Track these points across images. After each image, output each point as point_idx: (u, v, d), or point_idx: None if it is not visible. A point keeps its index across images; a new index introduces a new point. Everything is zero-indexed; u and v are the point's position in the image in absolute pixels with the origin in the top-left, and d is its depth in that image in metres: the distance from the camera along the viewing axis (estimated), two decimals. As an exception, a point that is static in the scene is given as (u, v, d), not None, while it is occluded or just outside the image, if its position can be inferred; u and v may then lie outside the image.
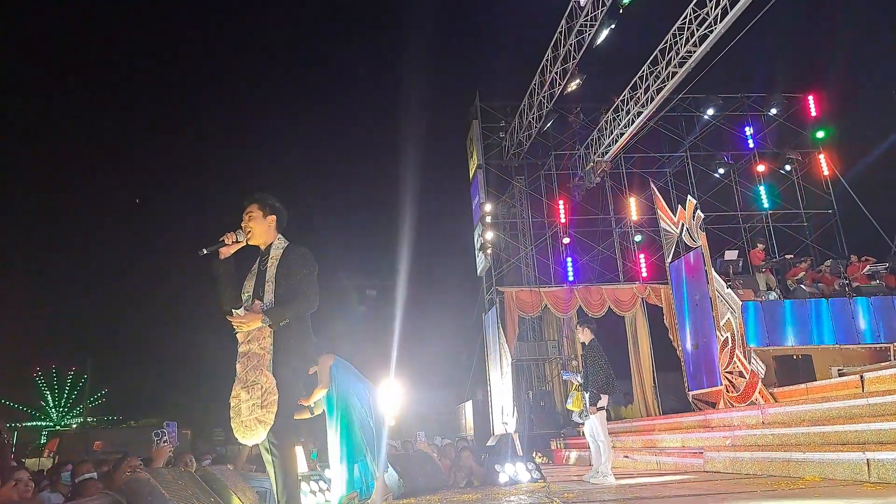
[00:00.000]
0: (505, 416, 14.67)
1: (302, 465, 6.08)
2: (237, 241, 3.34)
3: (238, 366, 3.23)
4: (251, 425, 3.07)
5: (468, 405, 19.06)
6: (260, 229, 3.40)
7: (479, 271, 16.91)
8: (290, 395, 3.15)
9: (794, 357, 9.72)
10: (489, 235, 15.89)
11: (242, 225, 3.41)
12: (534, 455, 12.58)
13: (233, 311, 3.21)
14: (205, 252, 3.25)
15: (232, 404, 3.18)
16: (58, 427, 33.61)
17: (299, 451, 5.81)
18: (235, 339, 3.30)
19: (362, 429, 4.89)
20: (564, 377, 8.98)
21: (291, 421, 3.18)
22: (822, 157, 16.10)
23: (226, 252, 3.33)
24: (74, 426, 33.64)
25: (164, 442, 4.80)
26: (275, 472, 3.12)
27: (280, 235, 3.48)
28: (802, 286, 10.61)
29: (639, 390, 15.00)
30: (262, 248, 3.45)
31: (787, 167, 16.39)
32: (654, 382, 14.80)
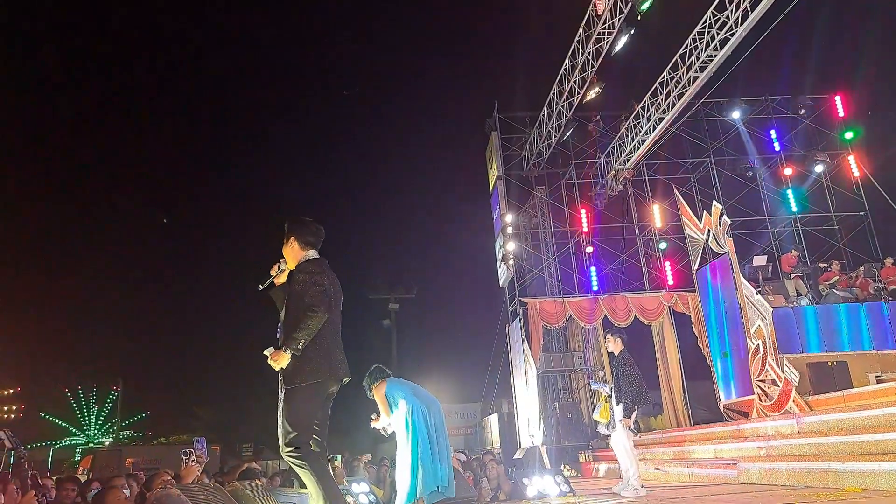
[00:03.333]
0: (532, 428, 14.50)
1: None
2: (281, 270, 3.65)
3: None
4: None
5: (493, 418, 18.89)
6: (286, 254, 3.68)
7: (501, 282, 16.82)
8: (299, 420, 3.31)
9: (829, 364, 9.45)
10: (511, 246, 15.81)
11: None
12: (562, 468, 12.41)
13: (264, 351, 3.41)
14: (261, 287, 3.63)
15: None
16: (91, 444, 34.22)
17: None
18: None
19: (424, 440, 5.12)
20: (592, 387, 8.86)
21: (305, 439, 3.31)
22: (851, 158, 15.73)
23: (278, 281, 3.66)
24: (107, 443, 34.21)
25: (192, 461, 4.84)
26: (308, 485, 3.33)
27: (311, 251, 3.64)
28: (836, 291, 10.35)
29: (668, 400, 14.71)
30: None
31: (818, 168, 15.96)
32: (684, 392, 14.51)
